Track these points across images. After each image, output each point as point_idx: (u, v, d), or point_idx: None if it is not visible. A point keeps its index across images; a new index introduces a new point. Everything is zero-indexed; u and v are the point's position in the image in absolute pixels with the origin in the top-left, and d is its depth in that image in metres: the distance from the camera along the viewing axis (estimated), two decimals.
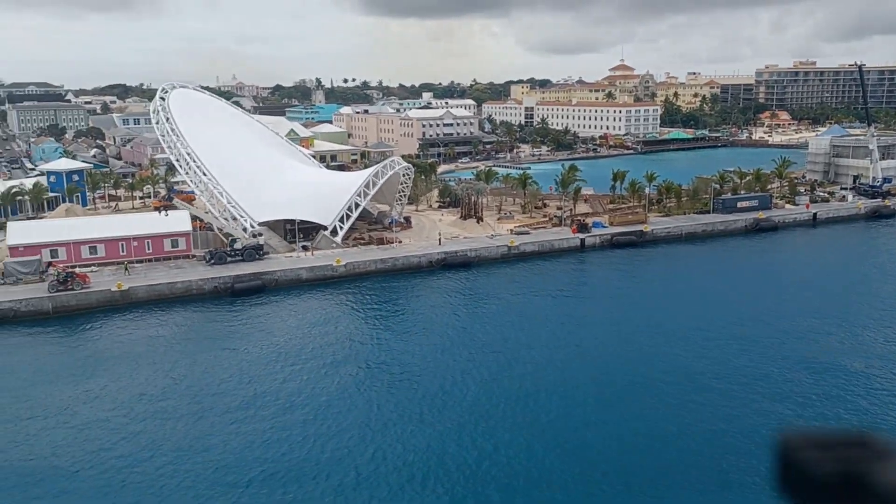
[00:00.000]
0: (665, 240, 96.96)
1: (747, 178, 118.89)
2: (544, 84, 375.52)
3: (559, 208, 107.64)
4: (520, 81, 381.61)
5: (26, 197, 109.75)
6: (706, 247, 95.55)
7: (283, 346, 59.46)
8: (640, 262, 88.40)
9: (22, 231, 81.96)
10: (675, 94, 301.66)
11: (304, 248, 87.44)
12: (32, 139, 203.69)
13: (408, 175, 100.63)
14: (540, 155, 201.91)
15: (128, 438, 43.40)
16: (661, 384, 50.08)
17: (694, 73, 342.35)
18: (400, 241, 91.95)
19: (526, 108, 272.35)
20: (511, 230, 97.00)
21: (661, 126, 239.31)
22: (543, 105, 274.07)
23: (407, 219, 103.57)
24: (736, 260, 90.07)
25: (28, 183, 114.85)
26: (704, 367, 53.08)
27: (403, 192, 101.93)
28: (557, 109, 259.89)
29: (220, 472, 39.35)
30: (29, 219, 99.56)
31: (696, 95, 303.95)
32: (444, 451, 41.38)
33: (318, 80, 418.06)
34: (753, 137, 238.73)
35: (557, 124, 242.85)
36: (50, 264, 74.85)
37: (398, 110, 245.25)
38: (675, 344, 58.32)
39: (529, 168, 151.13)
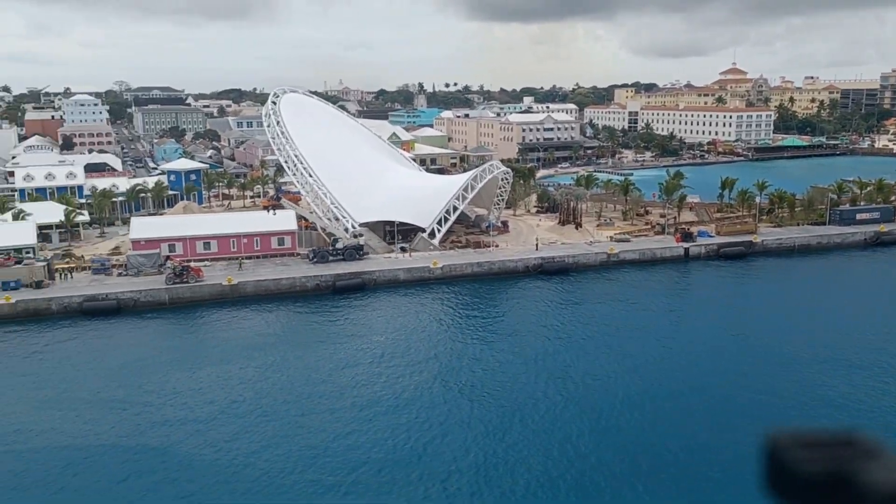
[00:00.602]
0: (776, 252, 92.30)
1: (868, 188, 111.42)
2: (650, 88, 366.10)
3: (662, 216, 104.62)
4: (624, 85, 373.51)
5: (149, 194, 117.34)
6: (821, 260, 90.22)
7: (383, 345, 60.77)
8: (748, 274, 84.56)
9: (144, 226, 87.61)
10: (791, 100, 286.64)
11: (403, 250, 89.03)
12: (155, 140, 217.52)
13: (506, 179, 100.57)
14: (643, 161, 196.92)
15: (238, 428, 45.51)
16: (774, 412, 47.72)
17: (811, 78, 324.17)
18: (497, 245, 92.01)
19: (630, 113, 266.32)
20: (611, 237, 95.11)
21: (774, 132, 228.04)
22: (648, 109, 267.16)
23: (504, 223, 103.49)
24: (854, 276, 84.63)
25: (151, 181, 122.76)
26: (840, 399, 49.98)
27: (502, 196, 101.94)
28: (663, 114, 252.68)
29: (332, 464, 40.66)
30: (150, 215, 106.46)
31: (813, 101, 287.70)
32: (548, 460, 41.10)
33: (421, 85, 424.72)
34: (876, 146, 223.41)
35: (662, 129, 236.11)
36: (168, 258, 79.60)
37: (498, 114, 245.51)
38: (793, 371, 54.60)
39: (632, 174, 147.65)
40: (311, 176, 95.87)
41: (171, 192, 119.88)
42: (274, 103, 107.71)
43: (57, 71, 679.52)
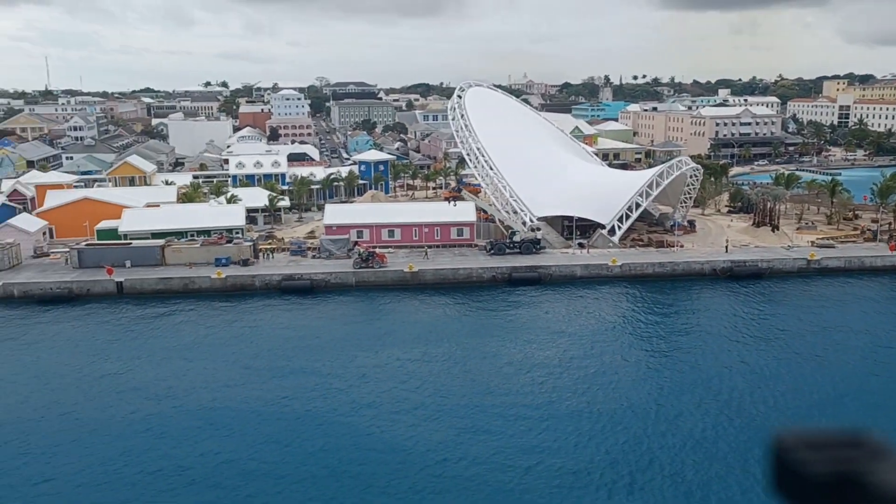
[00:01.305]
0: None
1: None
2: (865, 80, 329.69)
3: (875, 221, 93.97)
4: (835, 77, 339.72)
5: (342, 183, 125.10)
6: None
7: (558, 340, 60.25)
8: None
9: (336, 213, 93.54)
10: None
11: (581, 246, 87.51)
12: (349, 132, 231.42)
13: (695, 177, 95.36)
14: (854, 160, 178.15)
15: (416, 416, 47.29)
16: None
17: None
18: (681, 246, 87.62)
19: (840, 107, 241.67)
20: (812, 242, 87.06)
21: None
22: (863, 103, 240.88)
23: (691, 222, 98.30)
24: None
25: (343, 171, 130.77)
26: None
27: (689, 194, 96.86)
28: (881, 109, 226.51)
29: (508, 461, 41.13)
30: (342, 202, 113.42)
31: None
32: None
33: (607, 78, 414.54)
34: None
35: (879, 125, 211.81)
36: (356, 243, 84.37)
37: (689, 108, 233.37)
38: None
39: (840, 174, 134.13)
40: (491, 169, 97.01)
41: (361, 182, 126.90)
42: (459, 97, 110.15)
43: (267, 68, 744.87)
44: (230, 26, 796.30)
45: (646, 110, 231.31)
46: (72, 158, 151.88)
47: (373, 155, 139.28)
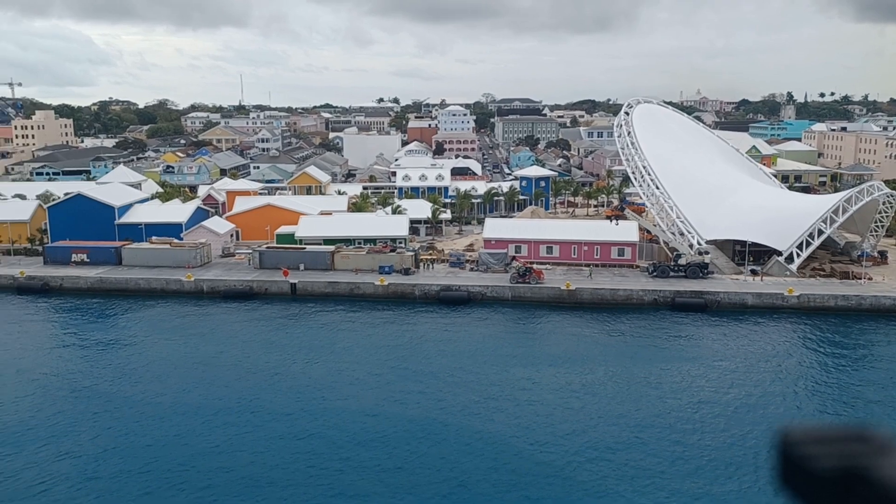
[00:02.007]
0: None
1: None
2: None
3: None
4: None
5: (502, 197, 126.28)
6: None
7: (728, 375, 56.74)
8: None
9: (495, 227, 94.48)
10: None
11: (753, 273, 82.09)
12: (512, 148, 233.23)
13: (889, 203, 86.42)
14: None
15: (574, 439, 46.53)
16: None
17: None
18: (870, 278, 79.59)
19: None
20: None
21: None
22: None
23: (882, 253, 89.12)
24: None
25: (505, 186, 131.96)
26: None
27: (881, 222, 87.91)
28: None
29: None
30: (502, 217, 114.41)
31: None
32: None
33: (790, 95, 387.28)
34: None
35: None
36: (514, 258, 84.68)
37: (885, 128, 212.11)
38: None
39: None
40: (657, 188, 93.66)
41: (521, 197, 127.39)
42: (627, 113, 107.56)
43: (436, 85, 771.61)
44: (404, 45, 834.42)
45: (833, 130, 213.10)
46: (258, 168, 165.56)
47: (534, 171, 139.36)
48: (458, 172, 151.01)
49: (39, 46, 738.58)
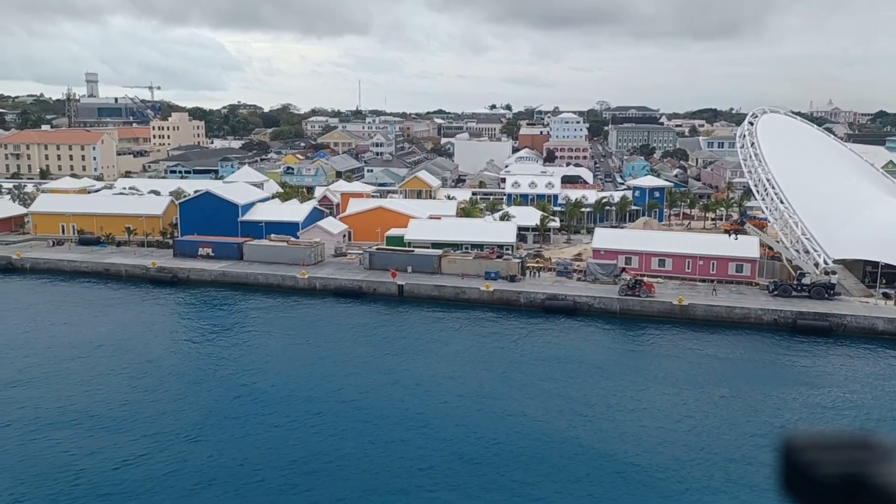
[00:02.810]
0: None
1: None
2: None
3: None
4: None
5: (613, 207, 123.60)
6: None
7: (851, 404, 52.96)
8: None
9: (606, 237, 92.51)
10: None
11: (885, 296, 76.19)
12: (625, 157, 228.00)
13: None
14: None
15: (694, 465, 44.90)
16: None
17: None
18: None
19: None
20: None
21: None
22: None
23: None
24: None
25: (616, 195, 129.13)
26: None
27: None
28: None
29: None
30: (612, 227, 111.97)
31: None
32: None
33: None
34: None
35: None
36: (623, 270, 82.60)
37: None
38: None
39: None
40: (782, 202, 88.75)
41: (634, 207, 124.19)
42: (751, 123, 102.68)
43: (549, 92, 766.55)
44: (519, 52, 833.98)
45: None
46: (372, 171, 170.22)
47: (649, 181, 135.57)
48: (568, 180, 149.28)
49: (178, 53, 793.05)
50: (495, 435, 46.13)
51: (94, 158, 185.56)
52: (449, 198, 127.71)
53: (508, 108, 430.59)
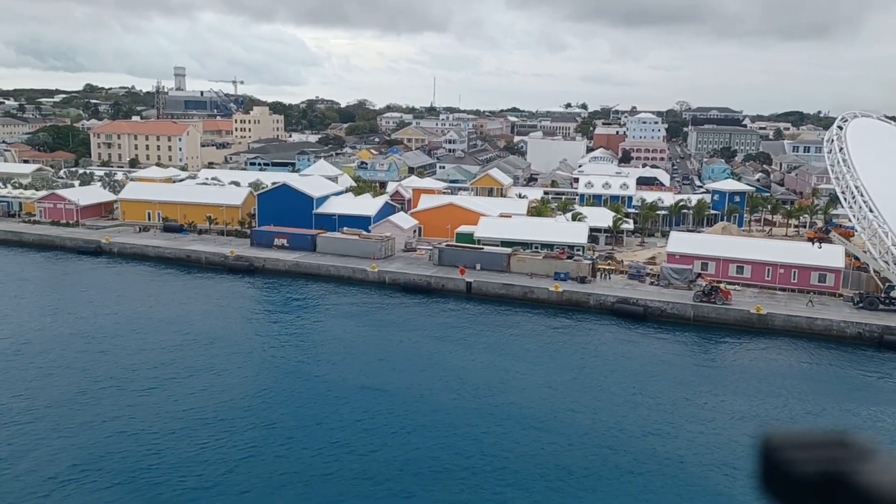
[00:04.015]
0: None
1: None
2: None
3: None
4: None
5: (690, 211, 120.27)
6: None
7: None
8: None
9: (681, 241, 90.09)
10: None
11: None
12: (705, 159, 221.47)
13: None
14: None
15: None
16: None
17: None
18: None
19: None
20: None
21: None
22: None
23: None
24: None
25: (694, 199, 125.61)
26: None
27: None
28: None
29: None
30: (689, 231, 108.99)
31: None
32: None
33: None
34: None
35: None
36: (699, 275, 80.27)
37: None
38: None
39: None
40: (871, 211, 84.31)
41: (712, 212, 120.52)
42: (840, 128, 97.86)
43: (627, 91, 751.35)
44: (597, 51, 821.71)
45: None
46: (444, 168, 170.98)
47: (729, 184, 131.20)
48: (644, 182, 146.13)
49: (261, 49, 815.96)
50: (568, 440, 45.57)
51: (180, 149, 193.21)
52: (520, 196, 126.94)
53: (584, 107, 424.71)
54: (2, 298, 75.20)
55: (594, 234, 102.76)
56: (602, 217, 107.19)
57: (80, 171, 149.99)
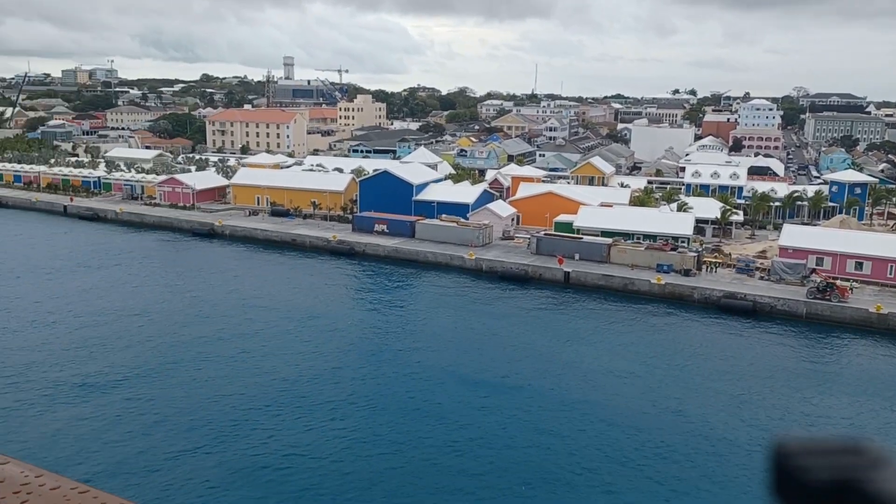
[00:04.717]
0: None
1: None
2: None
3: None
4: None
5: (806, 203, 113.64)
6: None
7: None
8: None
9: (795, 235, 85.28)
10: None
11: None
12: (823, 148, 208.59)
13: None
14: None
15: None
16: None
17: None
18: None
19: None
20: None
21: None
22: None
23: None
24: None
25: (810, 190, 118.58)
26: None
27: None
28: None
29: None
30: (804, 224, 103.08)
31: None
32: None
33: None
34: None
35: None
36: (813, 271, 75.88)
37: None
38: None
39: None
40: None
41: (829, 204, 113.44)
42: None
43: (740, 76, 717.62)
44: (709, 35, 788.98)
45: None
46: (544, 156, 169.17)
47: (849, 175, 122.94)
48: (755, 172, 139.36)
49: (365, 38, 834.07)
50: (670, 438, 44.31)
51: (288, 136, 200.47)
52: (622, 185, 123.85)
53: (693, 93, 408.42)
54: (131, 276, 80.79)
55: (700, 225, 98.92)
56: (709, 208, 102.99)
57: (196, 156, 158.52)
